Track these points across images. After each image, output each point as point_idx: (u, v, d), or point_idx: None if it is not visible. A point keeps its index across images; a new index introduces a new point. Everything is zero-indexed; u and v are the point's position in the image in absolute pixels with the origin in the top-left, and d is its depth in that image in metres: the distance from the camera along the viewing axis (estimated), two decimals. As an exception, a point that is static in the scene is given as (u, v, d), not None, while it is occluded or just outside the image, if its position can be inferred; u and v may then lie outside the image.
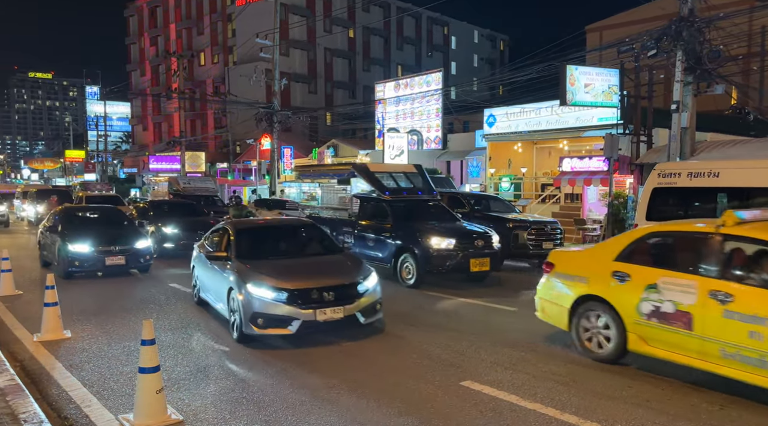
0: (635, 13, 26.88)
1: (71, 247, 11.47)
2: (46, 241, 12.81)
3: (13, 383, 5.20)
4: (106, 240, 11.85)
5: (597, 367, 6.09)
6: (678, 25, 12.93)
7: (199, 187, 23.70)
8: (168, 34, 58.82)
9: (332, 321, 6.70)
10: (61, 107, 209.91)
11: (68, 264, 11.44)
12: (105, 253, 11.66)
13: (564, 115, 20.41)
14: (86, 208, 15.52)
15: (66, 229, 12.19)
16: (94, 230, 12.28)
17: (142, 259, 12.08)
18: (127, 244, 11.99)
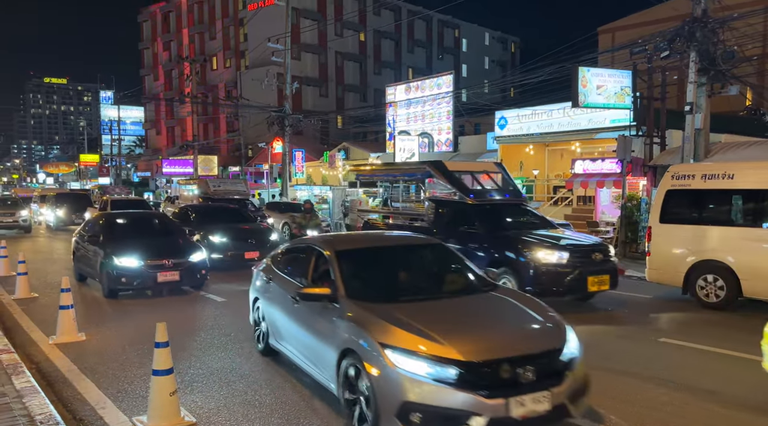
0: (648, 14, 26.69)
1: (117, 260, 9.68)
2: (84, 253, 11.08)
3: (30, 385, 5.26)
4: (156, 252, 10.05)
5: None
6: (691, 26, 12.82)
7: (230, 190, 22.51)
8: (181, 39, 59.35)
9: (533, 417, 3.97)
10: (75, 112, 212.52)
11: (113, 281, 9.73)
12: (156, 267, 9.82)
13: (576, 117, 20.31)
14: (128, 214, 13.52)
15: (109, 239, 10.46)
16: (142, 240, 10.47)
17: (198, 275, 10.33)
18: (181, 256, 10.22)
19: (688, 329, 7.96)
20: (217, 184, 23.11)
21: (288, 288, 5.86)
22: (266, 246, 13.00)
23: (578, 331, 4.80)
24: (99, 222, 11.65)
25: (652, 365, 6.28)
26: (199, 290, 10.58)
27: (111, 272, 9.72)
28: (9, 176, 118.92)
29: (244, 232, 13.90)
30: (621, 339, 7.34)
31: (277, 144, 31.90)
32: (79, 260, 11.55)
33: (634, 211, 15.43)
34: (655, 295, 10.42)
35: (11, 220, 23.21)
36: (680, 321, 8.59)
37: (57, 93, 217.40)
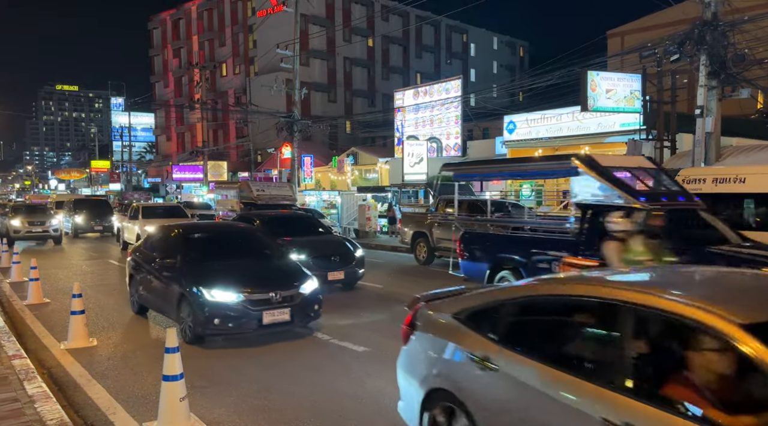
0: (657, 18, 26.58)
1: (208, 293, 7.04)
2: (150, 279, 8.46)
3: (42, 390, 5.30)
4: (257, 281, 7.44)
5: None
6: (701, 29, 12.76)
7: (275, 195, 19.58)
8: (191, 45, 59.85)
9: None
10: (86, 119, 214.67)
11: (203, 322, 7.01)
12: (261, 303, 7.15)
13: (585, 121, 20.25)
14: (209, 228, 10.35)
15: (191, 263, 7.73)
16: (234, 265, 7.84)
17: (311, 312, 7.66)
18: (290, 286, 7.51)
19: None
20: (260, 188, 20.07)
21: None
22: (351, 264, 11.04)
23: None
24: (171, 238, 8.67)
25: None
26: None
27: (200, 310, 7.00)
28: (21, 182, 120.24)
29: (323, 245, 11.39)
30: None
31: (286, 149, 32.03)
32: (142, 288, 8.77)
33: (644, 216, 15.31)
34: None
35: (41, 230, 21.05)
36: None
37: (69, 100, 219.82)
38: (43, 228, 21.07)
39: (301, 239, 11.17)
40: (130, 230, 18.78)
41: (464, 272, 10.32)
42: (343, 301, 10.13)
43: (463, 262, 10.29)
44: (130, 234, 18.73)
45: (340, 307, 9.48)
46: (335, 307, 9.23)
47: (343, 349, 7.12)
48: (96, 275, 13.92)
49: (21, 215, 21.30)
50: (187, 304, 7.27)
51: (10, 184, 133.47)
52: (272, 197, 19.16)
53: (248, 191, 19.45)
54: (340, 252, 11.28)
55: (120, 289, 11.79)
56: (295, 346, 7.33)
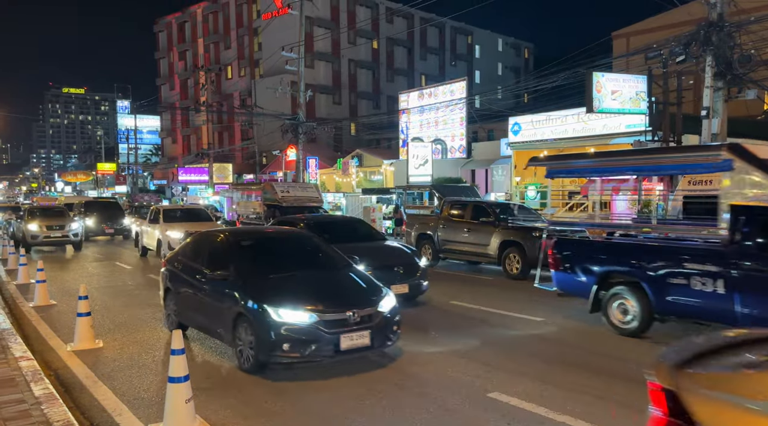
0: (662, 19, 26.51)
1: (276, 313, 5.88)
2: (194, 293, 7.26)
3: (48, 392, 5.32)
4: (328, 297, 6.29)
5: (628, 378, 5.97)
6: (707, 30, 12.72)
7: (300, 197, 18.56)
8: (196, 48, 60.10)
9: None
10: (93, 121, 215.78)
11: (269, 346, 5.86)
12: (337, 325, 5.98)
13: (591, 123, 20.21)
14: (264, 233, 8.74)
15: (249, 275, 6.57)
16: (300, 277, 6.72)
17: (391, 334, 6.43)
18: (367, 303, 6.34)
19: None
20: (285, 189, 19.00)
21: None
22: (416, 276, 9.66)
23: (595, 339, 4.84)
24: (220, 245, 7.44)
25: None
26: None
27: (265, 333, 5.84)
28: (28, 185, 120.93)
29: (384, 254, 10.14)
30: (642, 345, 7.24)
31: (291, 151, 32.12)
32: (183, 304, 7.58)
33: (650, 217, 15.25)
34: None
35: (60, 234, 19.45)
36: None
37: (75, 103, 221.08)
38: (63, 233, 19.45)
39: (355, 246, 9.64)
40: (149, 235, 17.48)
41: (558, 286, 8.86)
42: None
43: (558, 273, 8.67)
44: (149, 239, 17.49)
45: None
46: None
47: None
48: (102, 277, 13.98)
49: (38, 219, 19.63)
50: (247, 325, 6.09)
51: (17, 187, 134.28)
52: (297, 199, 18.28)
53: (272, 192, 18.52)
54: (404, 262, 9.87)
55: (126, 291, 11.84)
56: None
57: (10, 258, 15.82)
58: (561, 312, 9.23)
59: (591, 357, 6.83)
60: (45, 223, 19.43)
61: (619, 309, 7.80)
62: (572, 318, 8.88)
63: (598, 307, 8.06)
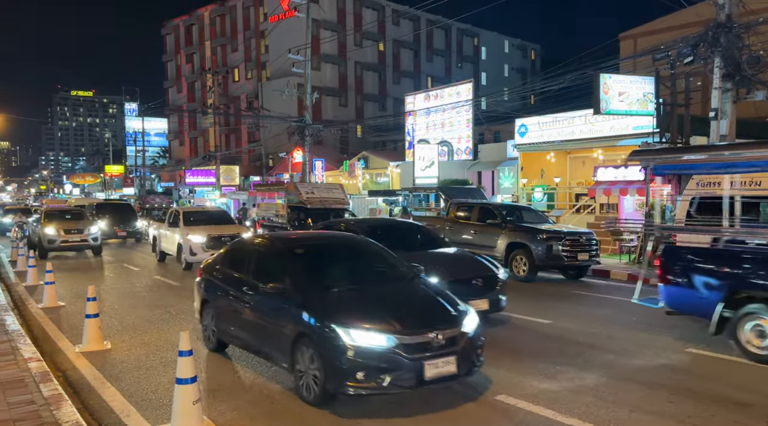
0: (669, 20, 26.39)
1: (347, 335, 5.02)
2: (241, 311, 6.37)
3: (57, 393, 5.35)
4: (405, 315, 5.36)
5: (635, 381, 5.93)
6: (715, 31, 12.64)
7: (326, 198, 17.61)
8: (203, 51, 60.36)
9: None
10: (101, 124, 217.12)
11: (342, 376, 5.01)
12: (419, 349, 5.09)
13: (598, 124, 20.13)
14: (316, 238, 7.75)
15: (312, 290, 5.69)
16: (369, 293, 5.82)
17: (476, 359, 5.50)
18: (450, 322, 5.42)
19: (715, 339, 7.77)
20: (309, 190, 17.98)
21: None
22: (496, 289, 8.45)
23: (602, 342, 4.74)
24: (270, 253, 6.62)
25: (678, 376, 6.15)
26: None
27: (335, 358, 4.98)
28: (37, 187, 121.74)
29: (458, 264, 8.86)
30: (646, 349, 7.21)
31: (298, 153, 32.18)
32: (226, 320, 6.73)
33: (658, 219, 15.17)
34: (681, 304, 10.19)
35: (79, 239, 18.43)
36: (707, 331, 8.40)
37: (83, 106, 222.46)
38: (81, 237, 18.44)
39: (421, 255, 8.40)
40: (169, 239, 16.44)
41: (668, 303, 7.68)
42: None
43: (670, 288, 7.54)
44: (169, 243, 16.46)
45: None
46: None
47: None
48: (111, 279, 14.06)
49: (56, 222, 18.66)
50: (311, 349, 5.22)
51: (26, 189, 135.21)
52: (323, 200, 17.39)
53: (296, 194, 17.59)
54: (482, 273, 8.59)
55: (134, 293, 11.89)
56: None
57: (20, 260, 15.92)
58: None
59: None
60: (62, 226, 18.45)
61: (755, 331, 6.63)
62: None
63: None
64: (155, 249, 18.01)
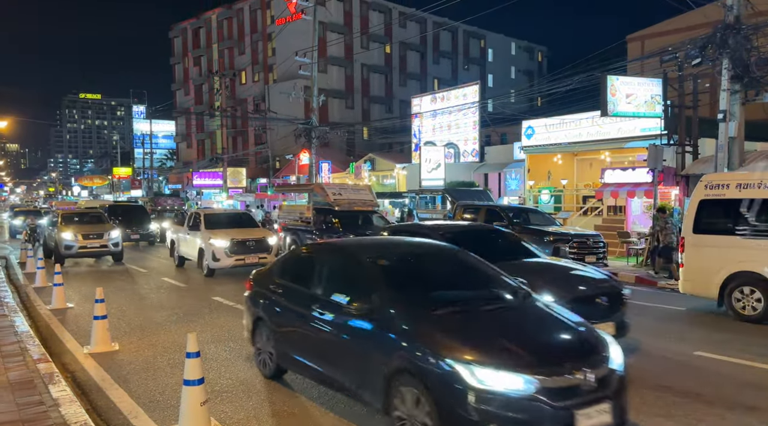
0: (677, 22, 26.29)
1: (470, 374, 3.80)
2: (312, 335, 5.30)
3: (66, 394, 5.39)
4: (542, 350, 4.20)
5: (643, 383, 5.90)
6: (723, 33, 12.58)
7: (354, 200, 16.58)
8: (211, 54, 60.63)
9: None
10: (109, 126, 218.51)
11: None
12: (566, 395, 3.83)
13: (605, 126, 20.06)
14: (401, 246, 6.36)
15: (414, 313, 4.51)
16: (483, 317, 4.58)
17: (626, 404, 4.25)
18: (597, 358, 4.18)
19: (724, 342, 7.73)
20: (336, 191, 16.80)
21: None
22: (620, 309, 6.97)
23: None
24: (347, 262, 5.59)
25: (686, 379, 6.11)
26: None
27: (456, 405, 3.84)
28: (46, 189, 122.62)
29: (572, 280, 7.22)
30: (655, 352, 7.18)
31: (304, 156, 32.24)
32: (286, 342, 5.76)
33: (666, 222, 15.11)
34: (689, 307, 10.16)
35: (98, 244, 17.01)
36: (716, 334, 8.35)
37: (92, 108, 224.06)
38: (101, 242, 17.02)
39: (518, 266, 7.09)
40: (188, 243, 15.50)
41: None
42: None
43: None
44: (188, 248, 15.55)
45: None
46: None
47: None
48: (119, 281, 14.12)
49: (73, 226, 17.26)
50: (417, 389, 4.08)
51: (35, 191, 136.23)
52: (351, 202, 16.36)
53: (323, 195, 16.53)
54: (605, 290, 6.98)
55: (141, 294, 11.95)
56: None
57: (29, 261, 16.03)
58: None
59: None
60: (81, 231, 16.96)
61: None
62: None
63: None
64: (173, 253, 17.03)
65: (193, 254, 15.18)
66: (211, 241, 13.96)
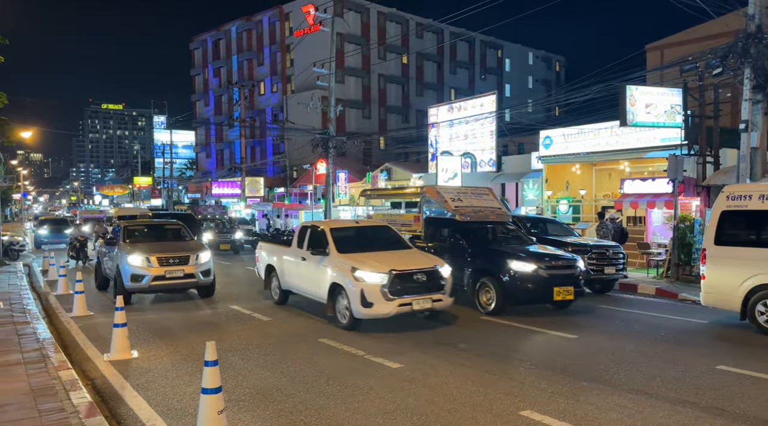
0: (697, 31, 26.06)
1: None
2: None
3: (86, 401, 5.46)
4: None
5: (663, 398, 5.81)
6: (745, 42, 12.44)
7: (480, 207, 12.42)
8: (230, 65, 61.42)
9: None
10: (130, 136, 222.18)
11: None
12: None
13: (624, 136, 19.87)
14: None
15: None
16: None
17: None
18: None
19: (747, 357, 7.57)
20: (456, 196, 12.65)
21: None
22: None
23: (629, 358, 4.63)
24: None
25: (708, 394, 6.00)
26: None
27: None
28: (68, 198, 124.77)
29: None
30: (675, 366, 7.05)
31: (321, 165, 32.39)
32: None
33: (687, 233, 14.91)
34: (711, 319, 9.99)
35: (182, 272, 11.58)
36: (739, 348, 8.18)
37: (113, 118, 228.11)
38: (186, 269, 11.57)
39: None
40: (305, 273, 10.50)
41: None
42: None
43: None
44: (305, 281, 10.53)
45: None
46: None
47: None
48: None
49: (143, 245, 12.09)
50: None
51: (57, 200, 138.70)
52: (477, 210, 12.27)
53: (440, 201, 12.64)
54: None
55: (159, 303, 12.06)
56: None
57: (51, 269, 16.30)
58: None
59: None
60: (154, 251, 11.59)
61: None
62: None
63: None
64: (270, 285, 12.03)
65: (313, 290, 10.19)
66: (359, 274, 8.93)
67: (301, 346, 8.20)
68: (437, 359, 7.34)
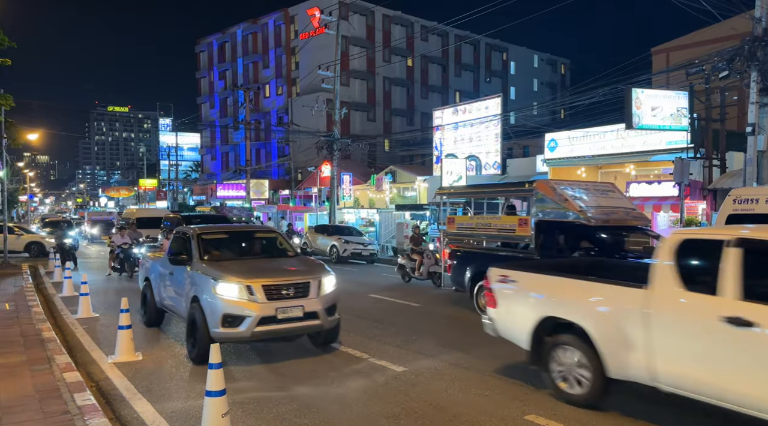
0: (703, 34, 25.98)
1: None
2: None
3: (90, 403, 5.46)
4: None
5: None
6: (752, 45, 12.39)
7: (611, 209, 9.74)
8: (235, 67, 61.62)
9: None
10: (136, 139, 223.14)
11: None
12: None
13: (630, 139, 19.83)
14: None
15: None
16: None
17: None
18: None
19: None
20: (579, 195, 9.83)
21: None
22: None
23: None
24: None
25: None
26: None
27: None
28: (74, 200, 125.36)
29: None
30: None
31: (326, 168, 32.43)
32: None
33: (693, 236, 14.83)
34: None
35: (300, 311, 7.36)
36: None
37: (119, 121, 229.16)
38: (306, 306, 7.45)
39: None
40: None
41: None
42: None
43: None
44: None
45: None
46: None
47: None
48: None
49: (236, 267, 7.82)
50: None
51: (63, 202, 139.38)
52: (606, 212, 9.47)
53: (557, 200, 9.67)
54: None
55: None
56: None
57: (57, 271, 16.35)
58: None
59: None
60: (257, 277, 7.41)
61: None
62: None
63: None
64: None
65: None
66: None
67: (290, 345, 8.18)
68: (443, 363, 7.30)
